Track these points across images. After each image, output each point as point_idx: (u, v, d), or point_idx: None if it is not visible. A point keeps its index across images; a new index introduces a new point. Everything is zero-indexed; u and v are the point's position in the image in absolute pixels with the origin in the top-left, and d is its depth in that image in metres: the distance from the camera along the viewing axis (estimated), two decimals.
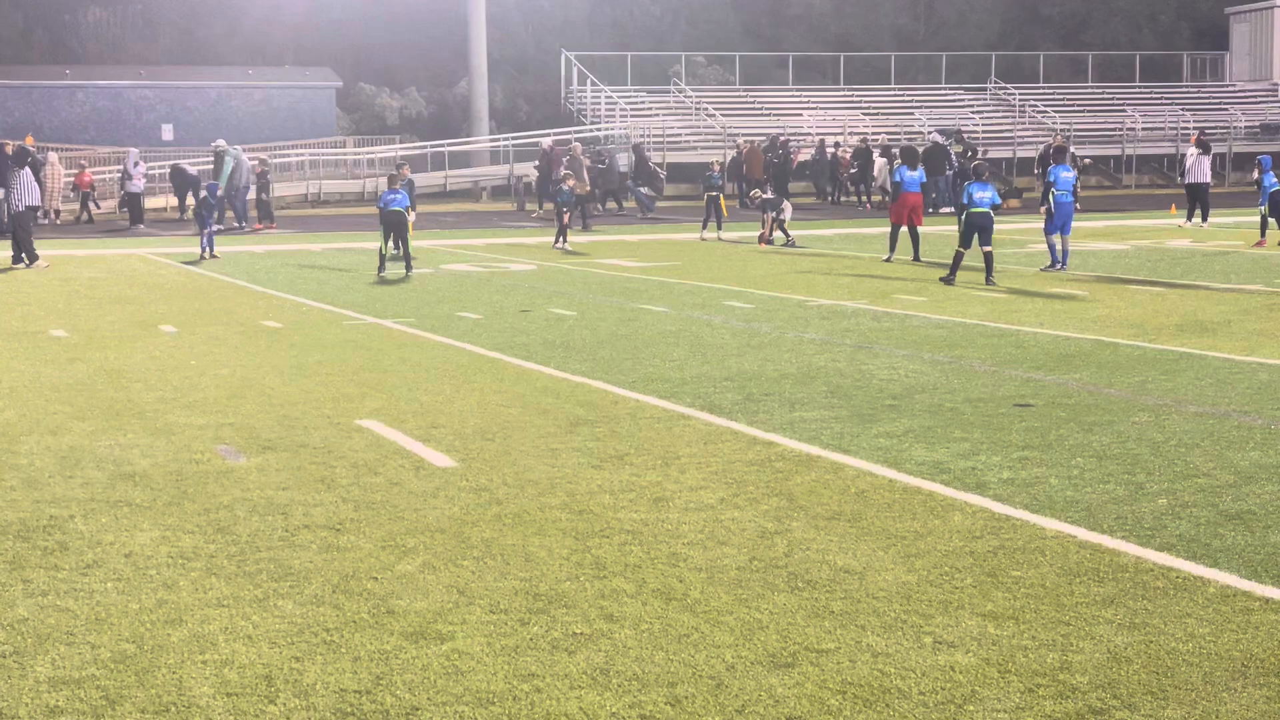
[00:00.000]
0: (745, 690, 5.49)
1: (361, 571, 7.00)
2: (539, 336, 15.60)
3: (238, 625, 6.24)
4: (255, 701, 5.41)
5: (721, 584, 6.78)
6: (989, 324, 16.36)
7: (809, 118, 51.98)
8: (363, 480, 8.87)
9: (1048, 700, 5.37)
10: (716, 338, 15.40)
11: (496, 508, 8.20)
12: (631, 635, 6.10)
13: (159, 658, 5.86)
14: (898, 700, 5.38)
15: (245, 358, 14.19)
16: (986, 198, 20.80)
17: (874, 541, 7.45)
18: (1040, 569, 6.95)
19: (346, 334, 16.02)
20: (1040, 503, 8.17)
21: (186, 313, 18.08)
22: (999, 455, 9.41)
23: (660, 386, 12.24)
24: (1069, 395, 11.66)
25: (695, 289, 20.68)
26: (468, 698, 5.44)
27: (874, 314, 17.42)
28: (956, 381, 12.38)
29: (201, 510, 8.18)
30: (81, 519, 8.00)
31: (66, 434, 10.40)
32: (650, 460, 9.38)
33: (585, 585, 6.78)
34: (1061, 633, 6.08)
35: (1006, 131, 52.57)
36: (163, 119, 50.04)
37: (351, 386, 12.38)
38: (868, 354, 14.06)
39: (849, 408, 11.18)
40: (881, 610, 6.38)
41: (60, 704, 5.38)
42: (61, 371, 13.39)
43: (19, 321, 17.31)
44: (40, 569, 7.07)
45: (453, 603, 6.53)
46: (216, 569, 7.07)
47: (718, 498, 8.39)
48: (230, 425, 10.68)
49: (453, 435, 10.23)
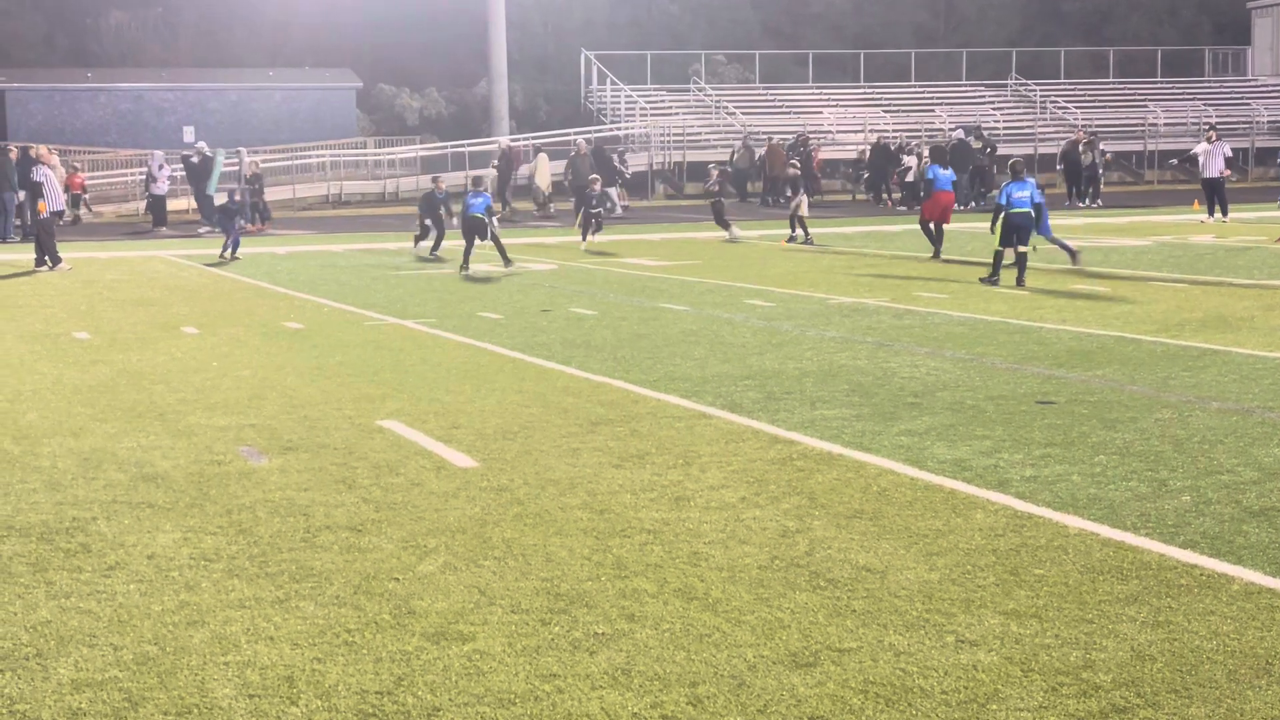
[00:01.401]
0: (767, 690, 5.48)
1: (383, 572, 7.01)
2: (559, 336, 15.60)
3: (259, 626, 6.25)
4: (277, 703, 5.41)
5: (742, 583, 6.77)
6: (1011, 321, 16.31)
7: (829, 115, 51.89)
8: (384, 481, 8.88)
9: (1071, 699, 5.34)
10: (737, 336, 15.38)
11: (517, 508, 8.19)
12: (653, 635, 6.09)
13: (181, 659, 5.87)
14: (920, 699, 5.36)
15: (266, 359, 14.22)
16: (1025, 197, 20.29)
17: (895, 540, 7.43)
18: (1063, 567, 6.92)
19: (367, 335, 16.04)
20: (1063, 500, 8.13)
21: (208, 314, 18.13)
22: (1021, 453, 9.37)
23: (681, 385, 12.22)
24: (1091, 392, 11.61)
25: (716, 288, 20.66)
26: (489, 698, 5.44)
27: (895, 312, 17.38)
28: (978, 379, 12.34)
29: (223, 511, 8.20)
30: (103, 521, 8.03)
31: (88, 436, 10.44)
32: (671, 459, 9.37)
33: (606, 585, 6.77)
34: (1084, 631, 6.05)
35: (1027, 128, 52.39)
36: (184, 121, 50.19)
37: (372, 387, 12.39)
38: (889, 352, 14.02)
39: (870, 406, 11.15)
40: (903, 609, 6.36)
41: (82, 706, 5.39)
42: (84, 373, 13.44)
43: (42, 324, 17.38)
44: (63, 571, 7.09)
45: (474, 603, 6.53)
46: (238, 570, 7.08)
47: (739, 496, 8.37)
48: (252, 426, 10.70)
49: (473, 435, 10.23)
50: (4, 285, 22.73)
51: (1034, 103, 54.58)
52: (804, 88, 55.70)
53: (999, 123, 52.22)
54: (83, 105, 50.16)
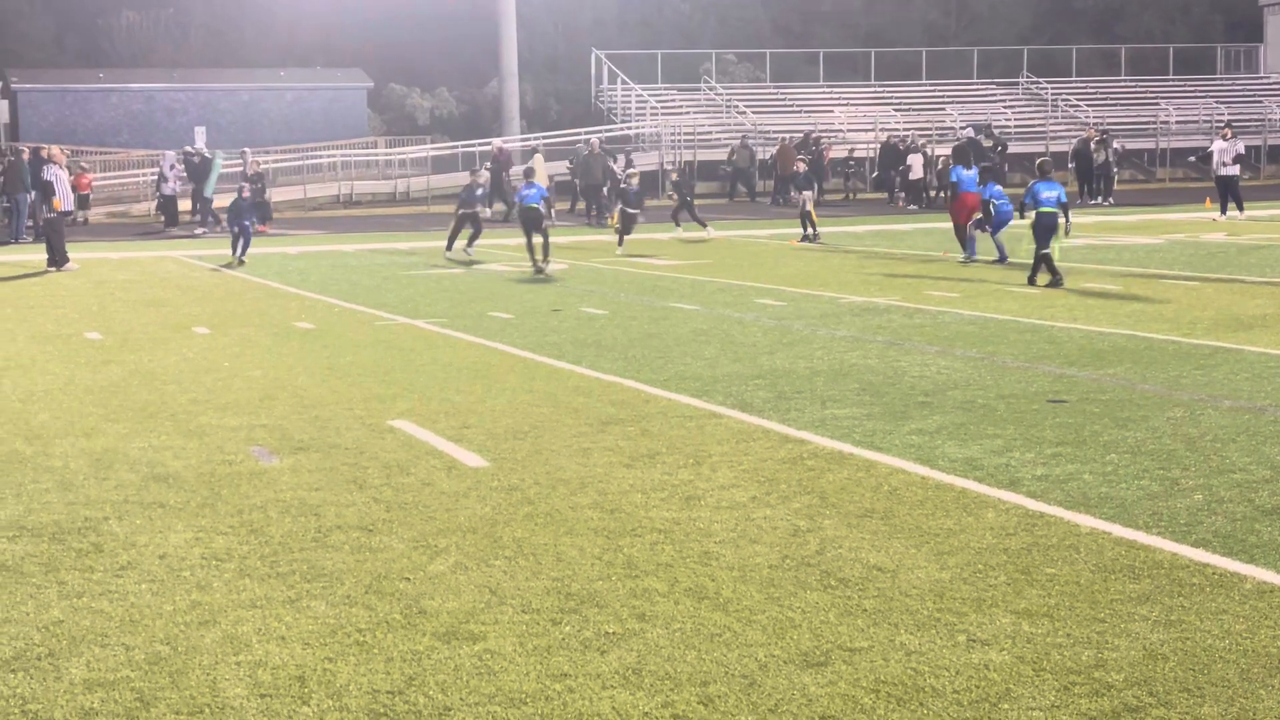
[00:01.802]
0: (778, 689, 5.47)
1: (394, 572, 7.01)
2: (570, 335, 15.60)
3: (270, 626, 6.26)
4: (288, 702, 5.42)
5: (753, 582, 6.76)
6: (1022, 320, 16.28)
7: (840, 114, 51.84)
8: (394, 481, 8.89)
9: (1083, 698, 5.33)
10: (748, 336, 15.37)
11: (528, 507, 8.19)
12: (663, 634, 6.08)
13: (192, 659, 5.88)
14: (931, 699, 5.35)
15: (277, 359, 14.24)
16: (1053, 196, 20.02)
17: (906, 539, 7.42)
18: (1075, 566, 6.90)
19: (378, 334, 16.06)
20: (1074, 499, 8.12)
21: (219, 314, 18.16)
22: (1032, 451, 9.35)
23: (692, 385, 12.22)
24: (1103, 391, 11.59)
25: (726, 287, 20.65)
26: (500, 698, 5.44)
27: (906, 310, 17.36)
28: (989, 378, 12.32)
29: (234, 511, 8.21)
30: (115, 521, 8.04)
31: (100, 436, 10.46)
32: (682, 459, 9.37)
33: (617, 584, 6.77)
34: (1097, 630, 6.04)
35: (1039, 126, 52.31)
36: (195, 121, 50.20)
37: (383, 387, 12.40)
38: (900, 351, 14.01)
39: (881, 405, 11.14)
40: (914, 608, 6.35)
41: (94, 706, 5.40)
42: (95, 374, 13.46)
43: (54, 324, 17.42)
44: (74, 571, 7.11)
45: (484, 603, 6.53)
46: (249, 570, 7.09)
47: (749, 496, 8.37)
48: (263, 426, 10.72)
49: (484, 435, 10.23)
50: (16, 286, 22.79)
51: (1046, 100, 54.49)
52: (815, 86, 55.65)
53: (1010, 121, 52.13)
54: (94, 106, 50.24)
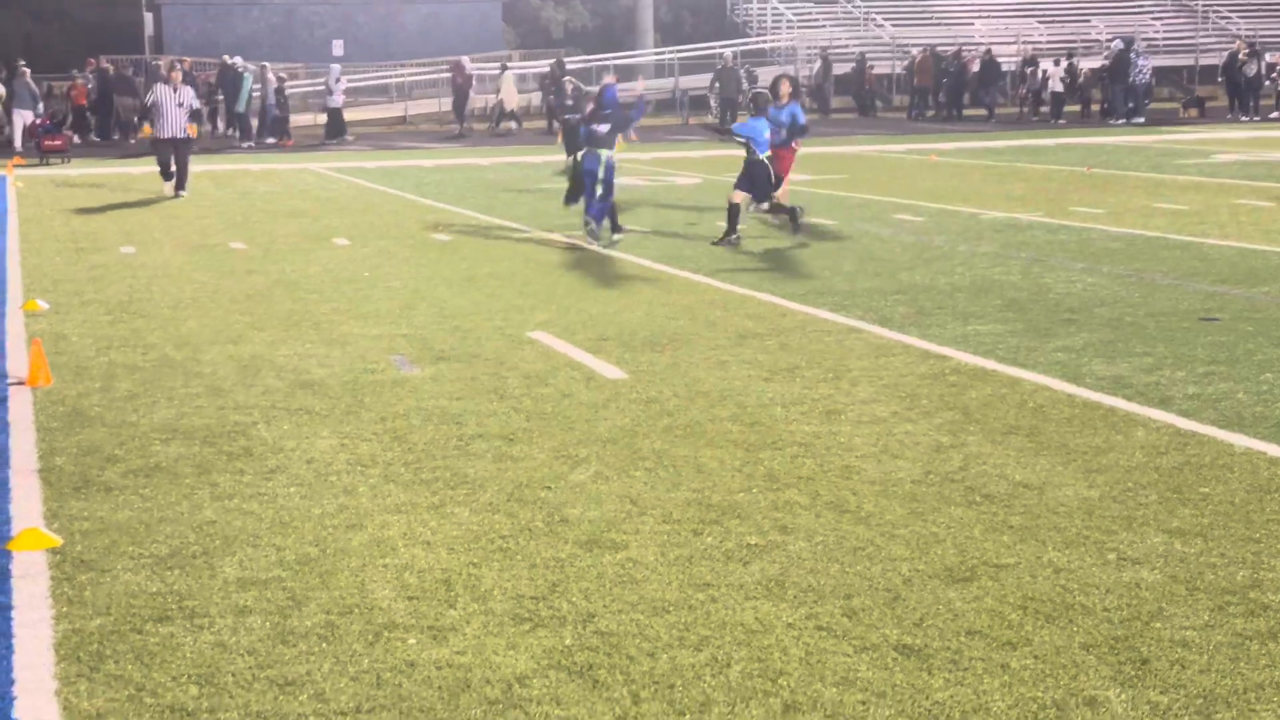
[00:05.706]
0: (923, 603, 5.42)
1: (535, 481, 7.05)
2: (705, 248, 15.52)
3: (416, 531, 6.34)
4: (435, 605, 5.49)
5: (896, 497, 6.70)
6: (1171, 236, 15.86)
7: (980, 26, 50.68)
8: (534, 391, 8.93)
9: (1238, 618, 5.20)
10: (886, 251, 15.16)
11: (667, 419, 8.19)
12: (806, 547, 6.05)
13: (341, 561, 5.98)
14: (1081, 616, 5.26)
15: (416, 270, 14.36)
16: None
17: (1053, 456, 7.29)
18: (1229, 485, 6.73)
19: (514, 247, 16.11)
20: (1228, 419, 7.91)
21: (358, 225, 18.35)
22: (1184, 370, 9.12)
23: (829, 299, 12.09)
24: (1257, 309, 11.25)
25: (865, 202, 20.38)
26: (643, 605, 5.45)
27: (1049, 227, 16.99)
28: (1137, 295, 12.03)
29: (378, 419, 8.31)
30: (263, 426, 8.19)
31: (247, 343, 10.64)
32: (821, 373, 9.29)
33: (758, 497, 6.74)
34: (1252, 550, 5.89)
35: (1188, 39, 50.69)
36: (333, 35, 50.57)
37: (521, 298, 12.45)
38: (1043, 267, 13.72)
39: (1025, 321, 10.93)
40: (1062, 526, 6.24)
41: (248, 603, 5.52)
42: (240, 283, 13.69)
43: (199, 235, 17.73)
44: (226, 473, 7.26)
45: (625, 513, 6.55)
46: (394, 476, 7.18)
47: (890, 411, 8.28)
48: (403, 336, 10.83)
49: (621, 347, 10.24)
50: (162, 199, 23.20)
51: (1195, 12, 52.73)
52: None
53: (1159, 34, 50.56)
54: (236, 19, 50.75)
